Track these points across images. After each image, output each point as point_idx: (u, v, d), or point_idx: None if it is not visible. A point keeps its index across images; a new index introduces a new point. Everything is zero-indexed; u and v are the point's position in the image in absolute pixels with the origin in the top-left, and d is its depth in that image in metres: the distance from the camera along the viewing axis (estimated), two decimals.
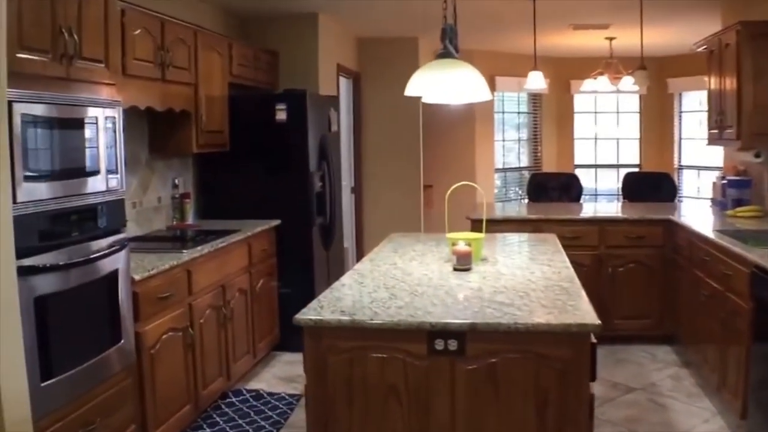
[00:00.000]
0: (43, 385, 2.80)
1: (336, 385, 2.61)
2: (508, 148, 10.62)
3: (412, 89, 3.30)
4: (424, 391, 2.56)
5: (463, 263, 3.43)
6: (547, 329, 2.50)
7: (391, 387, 2.58)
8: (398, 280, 3.22)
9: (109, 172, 3.31)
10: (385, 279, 3.24)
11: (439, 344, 2.54)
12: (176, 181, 5.25)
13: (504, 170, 10.49)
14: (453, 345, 2.54)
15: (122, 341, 3.38)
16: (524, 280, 3.18)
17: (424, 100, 3.61)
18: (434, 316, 2.62)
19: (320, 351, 2.62)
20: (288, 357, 5.49)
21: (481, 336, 2.52)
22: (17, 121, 2.66)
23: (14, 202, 2.64)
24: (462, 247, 3.45)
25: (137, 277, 3.51)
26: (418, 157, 8.33)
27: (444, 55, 3.29)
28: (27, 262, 2.74)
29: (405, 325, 2.55)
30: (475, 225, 5.50)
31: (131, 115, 4.43)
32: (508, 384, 2.53)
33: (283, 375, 5.16)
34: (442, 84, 3.24)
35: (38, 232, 2.83)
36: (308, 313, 2.66)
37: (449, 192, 3.83)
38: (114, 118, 3.34)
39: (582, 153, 11.03)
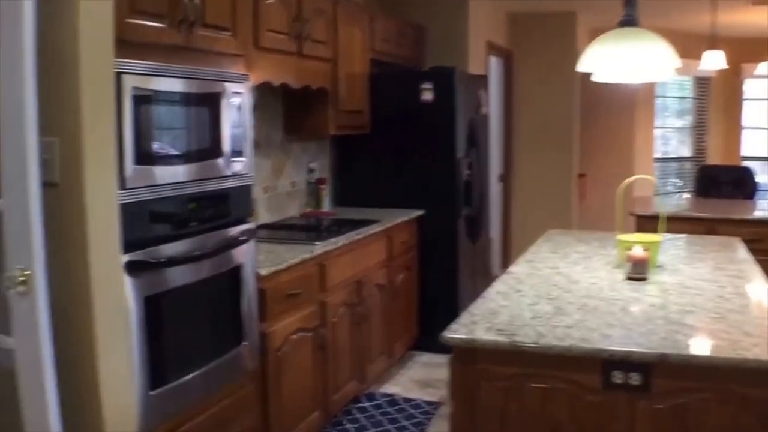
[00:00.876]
0: (152, 393, 2.50)
1: (488, 416, 2.19)
2: (668, 136, 9.75)
3: (587, 63, 2.73)
4: (594, 431, 2.09)
5: (638, 271, 2.88)
6: (756, 366, 1.97)
7: (554, 424, 2.13)
8: (562, 289, 2.71)
9: (234, 154, 2.97)
10: (547, 287, 2.74)
11: (618, 377, 2.06)
12: (312, 165, 4.92)
13: (662, 160, 9.62)
14: (635, 379, 2.05)
15: (245, 343, 3.06)
16: (714, 297, 2.61)
17: (597, 78, 3.02)
18: (612, 341, 2.13)
19: (471, 376, 2.20)
20: (426, 358, 5.06)
21: (672, 370, 2.03)
22: (127, 96, 2.34)
23: (122, 188, 2.33)
24: (639, 252, 2.89)
25: (264, 272, 3.16)
26: (572, 143, 7.69)
27: (627, 23, 2.71)
28: (136, 256, 2.42)
29: (577, 351, 2.08)
30: (641, 222, 4.90)
31: (265, 93, 4.12)
32: (702, 430, 2.03)
33: (420, 378, 4.74)
34: (625, 58, 2.65)
35: (149, 222, 2.51)
36: (459, 331, 2.21)
37: (623, 185, 3.24)
38: (241, 93, 2.99)
39: (750, 144, 9.96)
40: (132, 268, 2.40)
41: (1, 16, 1.99)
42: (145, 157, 2.46)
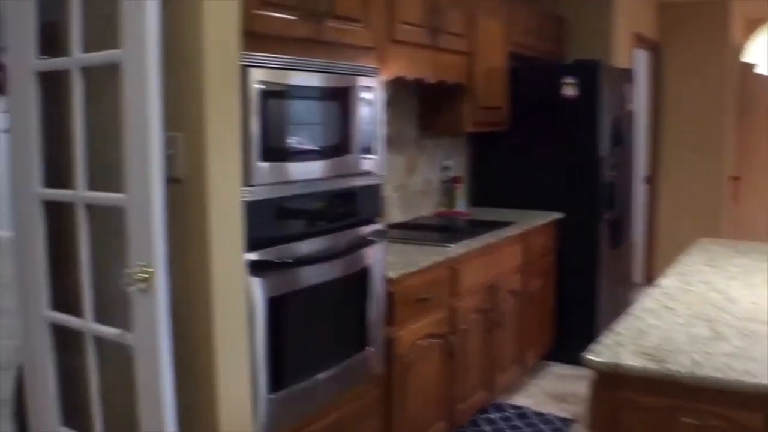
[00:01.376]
0: (271, 396, 2.42)
1: None
2: None
3: (755, 53, 2.42)
4: None
5: None
6: None
7: None
8: (720, 309, 2.41)
9: (364, 151, 2.85)
10: (703, 306, 2.45)
11: None
12: (446, 163, 4.75)
13: None
14: None
15: (370, 348, 2.94)
16: None
17: (765, 69, 2.69)
18: None
19: (613, 404, 1.97)
20: (560, 369, 4.79)
21: None
22: (253, 89, 2.26)
23: (248, 184, 2.25)
24: None
25: (393, 275, 3.03)
26: (724, 143, 7.14)
27: None
28: (262, 255, 2.34)
29: (738, 386, 1.80)
30: None
31: (399, 88, 3.98)
32: None
33: (553, 391, 4.48)
34: None
35: (276, 220, 2.43)
36: (602, 353, 1.98)
37: None
38: (373, 88, 2.86)
39: None
40: (257, 267, 2.32)
41: (126, 10, 1.94)
42: (272, 153, 2.38)
